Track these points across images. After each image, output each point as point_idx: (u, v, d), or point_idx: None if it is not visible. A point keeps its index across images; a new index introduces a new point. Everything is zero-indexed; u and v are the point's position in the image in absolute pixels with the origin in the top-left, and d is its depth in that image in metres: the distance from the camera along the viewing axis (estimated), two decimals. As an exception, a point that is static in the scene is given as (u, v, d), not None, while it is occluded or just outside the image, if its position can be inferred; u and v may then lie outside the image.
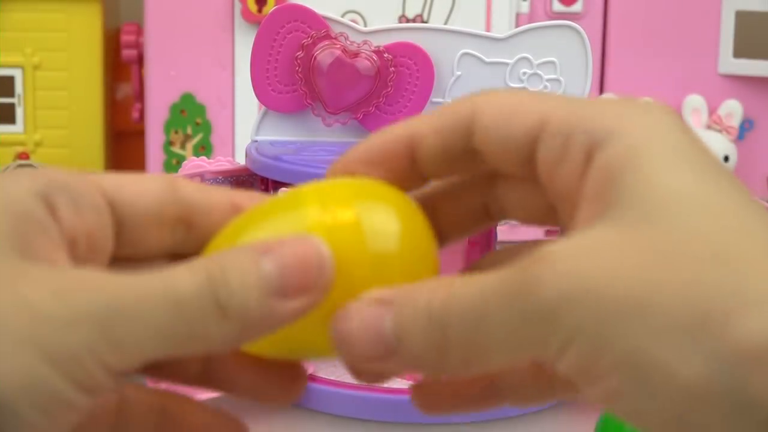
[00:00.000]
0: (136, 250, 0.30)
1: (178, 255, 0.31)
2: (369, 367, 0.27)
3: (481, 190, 0.31)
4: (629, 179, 0.25)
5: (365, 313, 0.27)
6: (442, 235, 0.31)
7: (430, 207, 0.31)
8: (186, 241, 0.31)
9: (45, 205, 0.28)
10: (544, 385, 0.30)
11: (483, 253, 0.60)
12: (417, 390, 0.31)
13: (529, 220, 0.31)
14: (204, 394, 0.36)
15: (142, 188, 0.30)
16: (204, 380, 0.31)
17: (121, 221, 0.30)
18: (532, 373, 0.30)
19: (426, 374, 0.28)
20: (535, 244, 0.29)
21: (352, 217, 0.28)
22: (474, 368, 0.26)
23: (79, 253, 0.29)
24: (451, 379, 0.31)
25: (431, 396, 0.31)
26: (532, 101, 0.28)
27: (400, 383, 0.52)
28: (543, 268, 0.25)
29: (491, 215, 0.32)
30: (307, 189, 0.30)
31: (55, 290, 0.26)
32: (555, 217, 0.30)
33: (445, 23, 0.99)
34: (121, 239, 0.30)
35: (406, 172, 0.30)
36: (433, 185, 0.31)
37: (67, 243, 0.28)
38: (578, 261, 0.25)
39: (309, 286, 0.27)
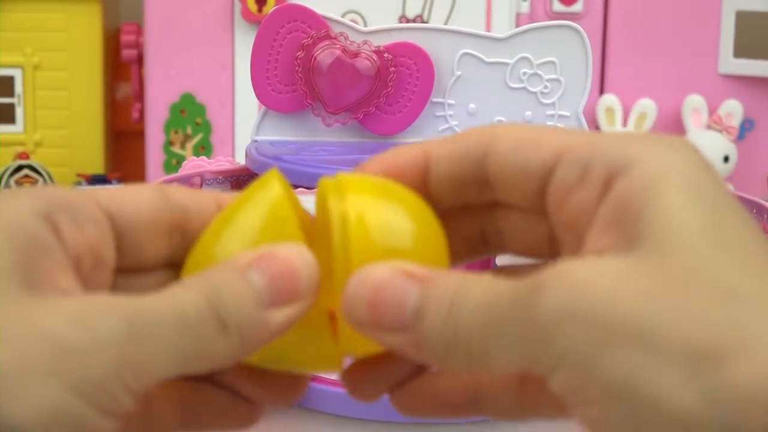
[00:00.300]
0: (136, 261, 0.31)
1: (176, 263, 0.31)
2: (372, 335, 0.27)
3: (481, 219, 0.32)
4: (645, 211, 0.25)
5: (392, 280, 0.27)
6: None
7: None
8: (182, 247, 0.31)
9: (49, 226, 0.28)
10: (528, 403, 0.30)
11: (483, 268, 0.60)
12: (397, 391, 0.31)
13: (527, 252, 0.31)
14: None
15: (136, 199, 0.30)
16: (210, 379, 0.31)
17: (119, 233, 0.30)
18: (515, 388, 0.30)
19: (428, 362, 0.28)
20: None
21: (358, 211, 0.28)
22: (476, 369, 0.26)
23: (85, 269, 0.29)
24: (435, 384, 0.31)
25: (411, 398, 0.31)
26: (552, 133, 0.29)
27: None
28: (548, 284, 0.25)
29: (489, 245, 0.32)
30: (327, 182, 0.30)
31: (71, 318, 0.26)
32: (554, 250, 0.30)
33: (445, 23, 0.99)
34: (121, 251, 0.30)
35: (416, 191, 0.30)
36: (436, 207, 0.31)
37: (73, 262, 0.28)
38: (582, 282, 0.25)
39: (298, 293, 0.27)
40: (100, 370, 0.25)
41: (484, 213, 0.31)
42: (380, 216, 0.28)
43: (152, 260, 0.31)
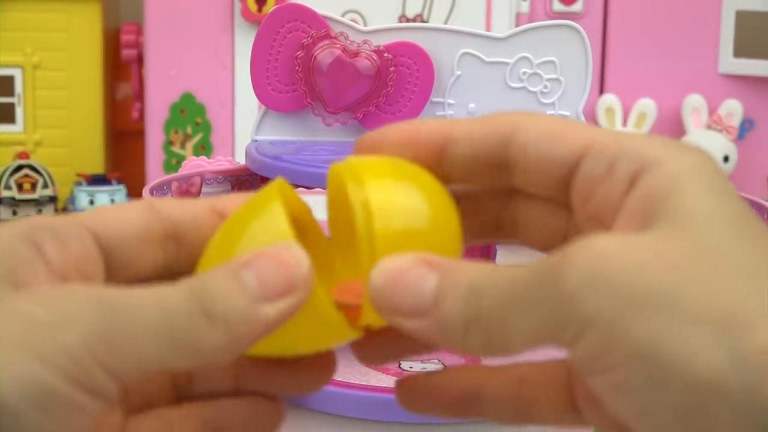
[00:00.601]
0: (131, 274, 0.31)
1: (174, 272, 0.32)
2: (393, 321, 0.28)
3: (498, 204, 0.32)
4: (672, 199, 0.27)
5: (411, 269, 0.28)
6: None
7: None
8: (178, 257, 0.32)
9: (32, 246, 0.29)
10: (524, 406, 0.31)
11: (483, 254, 0.60)
12: (401, 384, 0.32)
13: (539, 243, 0.32)
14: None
15: (123, 216, 0.31)
16: (237, 393, 0.31)
17: (109, 253, 0.31)
18: (513, 389, 0.31)
19: (447, 346, 0.28)
20: None
21: (368, 195, 0.29)
22: (495, 348, 0.27)
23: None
24: (436, 379, 0.32)
25: (414, 392, 0.32)
26: (578, 127, 0.29)
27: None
28: (574, 254, 0.26)
29: (501, 231, 0.33)
30: (339, 167, 0.30)
31: (44, 299, 0.27)
32: (565, 244, 0.30)
33: (445, 23, 1.00)
34: (113, 268, 0.31)
35: (431, 168, 0.31)
36: (452, 188, 0.32)
37: (58, 279, 0.29)
38: (609, 253, 0.25)
39: (289, 287, 0.28)
40: (71, 344, 0.26)
41: (498, 198, 0.32)
42: (400, 202, 0.29)
43: (149, 271, 0.31)
